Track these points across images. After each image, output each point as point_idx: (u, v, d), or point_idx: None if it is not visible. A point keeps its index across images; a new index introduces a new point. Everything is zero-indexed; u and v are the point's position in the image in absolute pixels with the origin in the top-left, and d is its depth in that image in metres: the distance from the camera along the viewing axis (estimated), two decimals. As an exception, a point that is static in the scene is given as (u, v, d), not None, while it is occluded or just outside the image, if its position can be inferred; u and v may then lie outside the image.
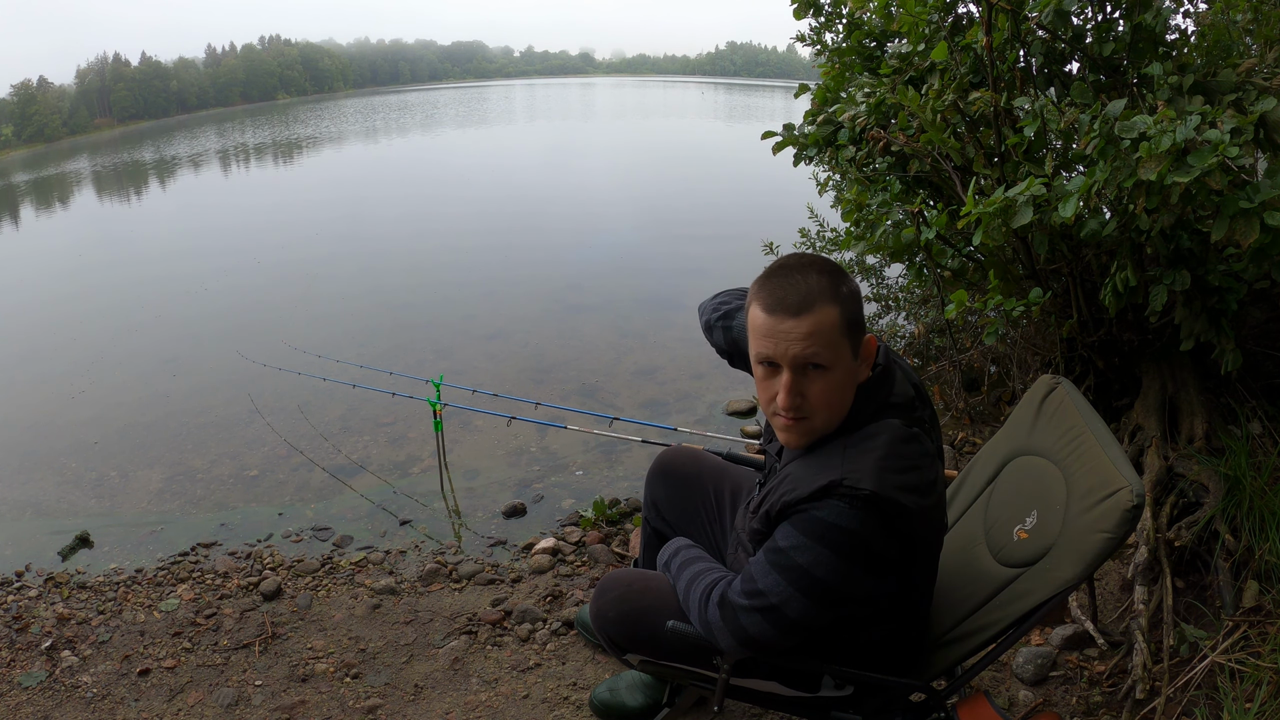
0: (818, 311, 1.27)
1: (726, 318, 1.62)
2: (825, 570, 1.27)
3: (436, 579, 2.84)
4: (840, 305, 1.28)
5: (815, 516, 1.27)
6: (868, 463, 1.27)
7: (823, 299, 1.27)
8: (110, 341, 6.36)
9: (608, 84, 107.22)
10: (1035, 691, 2.05)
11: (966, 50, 2.71)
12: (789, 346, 1.27)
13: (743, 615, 1.33)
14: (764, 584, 1.31)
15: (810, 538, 1.27)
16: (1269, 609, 1.91)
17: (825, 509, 1.26)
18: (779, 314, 1.28)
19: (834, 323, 1.28)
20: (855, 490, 1.24)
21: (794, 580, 1.29)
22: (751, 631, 1.33)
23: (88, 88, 73.13)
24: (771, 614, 1.31)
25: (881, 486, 1.25)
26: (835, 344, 1.28)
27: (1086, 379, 2.99)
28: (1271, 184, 1.86)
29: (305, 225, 11.26)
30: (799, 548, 1.28)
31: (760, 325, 1.30)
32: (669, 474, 1.92)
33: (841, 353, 1.29)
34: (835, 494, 1.26)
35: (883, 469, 1.26)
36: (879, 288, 4.84)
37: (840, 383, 1.31)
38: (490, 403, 4.00)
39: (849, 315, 1.30)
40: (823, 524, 1.26)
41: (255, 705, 2.21)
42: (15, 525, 3.63)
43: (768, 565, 1.32)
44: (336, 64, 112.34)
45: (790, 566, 1.29)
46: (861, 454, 1.29)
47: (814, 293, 1.27)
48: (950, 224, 2.67)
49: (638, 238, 9.75)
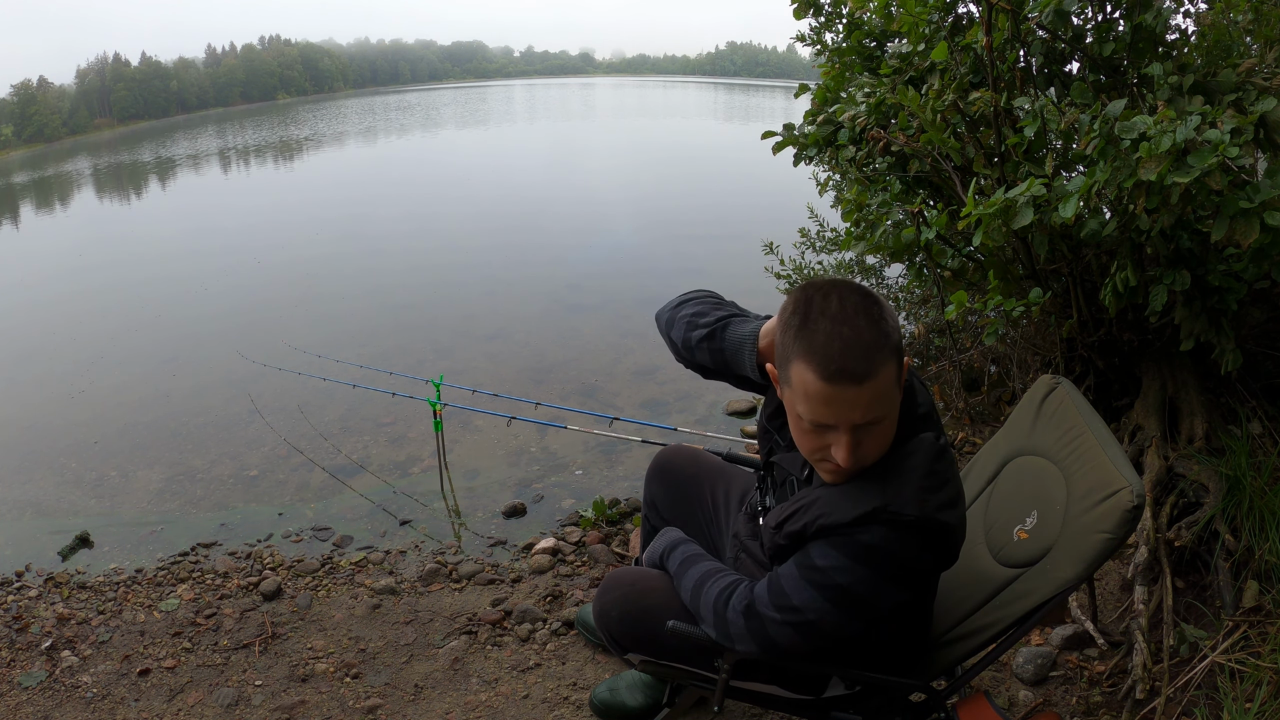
0: (880, 375, 1.16)
1: (711, 338, 1.46)
2: (865, 589, 1.27)
3: (436, 579, 2.84)
4: (895, 355, 1.18)
5: (859, 541, 1.25)
6: (910, 488, 1.24)
7: (881, 355, 1.15)
8: (110, 341, 6.35)
9: (608, 84, 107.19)
10: (1035, 691, 2.05)
11: (966, 50, 2.71)
12: (852, 414, 1.18)
13: (773, 627, 1.33)
14: (799, 600, 1.30)
15: (852, 559, 1.26)
16: (1269, 609, 1.91)
17: (869, 534, 1.24)
18: (841, 383, 1.15)
19: (893, 377, 1.19)
20: (899, 516, 1.23)
21: (832, 598, 1.28)
22: (781, 641, 1.34)
23: (88, 88, 73.09)
24: (806, 628, 1.31)
25: (924, 510, 1.23)
26: (893, 395, 1.21)
27: (1086, 379, 2.98)
28: (1271, 184, 1.86)
29: (305, 225, 11.26)
30: (840, 569, 1.26)
31: (816, 392, 1.17)
32: (667, 473, 1.92)
33: (897, 397, 1.23)
34: (879, 520, 1.24)
35: (924, 490, 1.24)
36: (879, 288, 4.84)
37: (894, 422, 1.25)
38: (490, 403, 4.00)
39: (900, 357, 1.20)
40: (866, 548, 1.25)
41: (255, 705, 2.21)
42: (15, 525, 3.63)
43: (803, 582, 1.30)
44: (336, 64, 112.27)
45: (829, 585, 1.27)
46: (902, 478, 1.25)
47: (872, 351, 1.15)
48: (950, 224, 2.67)
49: (637, 238, 9.75)
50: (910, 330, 4.54)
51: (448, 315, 6.65)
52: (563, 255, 8.75)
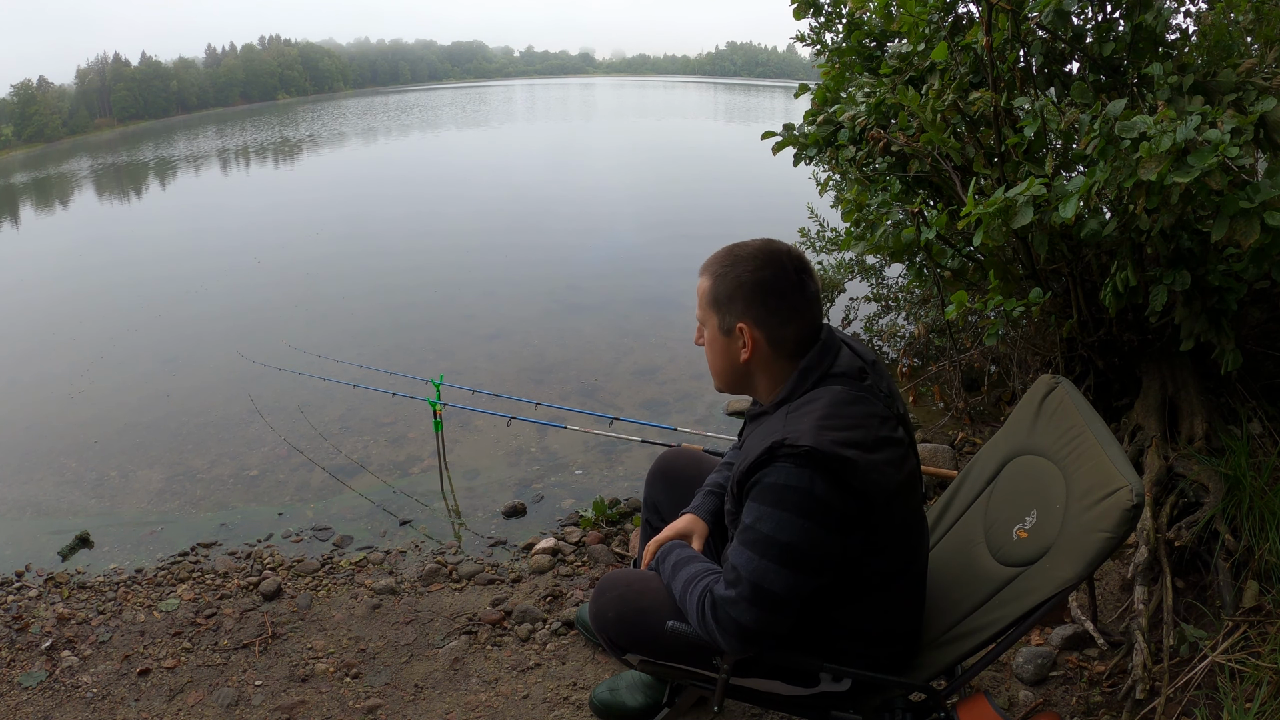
0: (700, 283, 1.50)
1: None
2: (790, 533, 1.30)
3: (436, 579, 2.84)
4: (707, 278, 1.48)
5: (768, 483, 1.32)
6: (807, 422, 1.33)
7: (705, 274, 1.49)
8: (110, 341, 6.36)
9: (608, 84, 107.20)
10: (1035, 691, 2.05)
11: (966, 50, 2.71)
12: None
13: (731, 608, 1.35)
14: (741, 566, 1.34)
15: (768, 504, 1.31)
16: (1269, 609, 1.91)
17: (774, 473, 1.31)
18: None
19: (706, 295, 1.48)
20: (795, 448, 1.29)
21: (764, 551, 1.31)
22: (744, 621, 1.34)
23: (88, 88, 73.07)
24: (756, 595, 1.33)
25: (819, 441, 1.29)
26: (708, 313, 1.48)
27: (1086, 379, 2.99)
28: (1271, 184, 1.86)
29: (305, 225, 11.26)
30: (761, 518, 1.32)
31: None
32: (669, 475, 1.93)
33: (711, 322, 1.48)
34: (779, 455, 1.30)
35: (821, 426, 1.31)
36: (879, 288, 4.84)
37: (714, 344, 1.49)
38: (490, 403, 4.00)
39: (716, 297, 1.46)
40: (775, 488, 1.31)
41: (255, 705, 2.21)
42: (15, 525, 3.63)
43: (740, 546, 1.35)
44: (336, 64, 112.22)
45: (759, 539, 1.32)
46: (801, 415, 1.35)
47: (706, 266, 1.50)
48: (950, 224, 2.67)
49: (637, 238, 9.75)
50: (910, 330, 4.55)
51: (448, 315, 6.65)
52: (563, 255, 8.75)
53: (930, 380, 3.96)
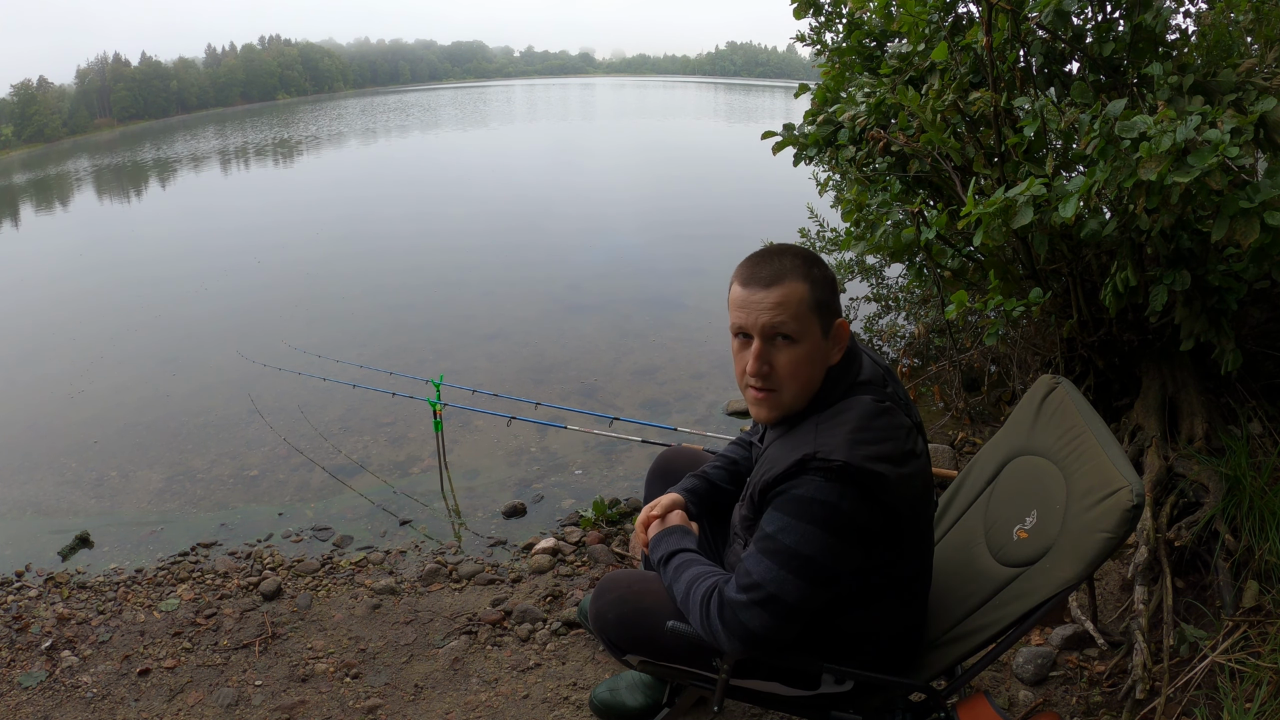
0: (787, 285, 1.35)
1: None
2: (813, 547, 1.29)
3: (436, 579, 2.84)
4: (810, 284, 1.36)
5: (795, 495, 1.30)
6: (839, 435, 1.31)
7: (793, 275, 1.36)
8: (110, 341, 6.36)
9: (608, 84, 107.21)
10: (1035, 691, 2.05)
11: (966, 50, 2.71)
12: (759, 315, 1.35)
13: (741, 612, 1.33)
14: (758, 574, 1.32)
15: (793, 516, 1.30)
16: (1269, 609, 1.91)
17: (803, 485, 1.29)
18: (752, 286, 1.37)
19: (802, 297, 1.35)
20: (828, 462, 1.27)
21: (785, 563, 1.30)
22: (753, 626, 1.33)
23: (88, 88, 73.10)
24: (770, 604, 1.32)
25: (853, 457, 1.27)
26: (803, 318, 1.35)
27: (1086, 379, 2.99)
28: (1271, 184, 1.86)
29: (305, 225, 11.26)
30: (785, 529, 1.30)
31: (736, 298, 1.39)
32: (669, 474, 1.92)
33: (809, 327, 1.36)
34: (809, 469, 1.29)
35: (854, 440, 1.29)
36: (879, 288, 4.84)
37: (807, 357, 1.36)
38: (490, 403, 4.00)
39: (818, 295, 1.37)
40: (802, 500, 1.29)
41: (255, 705, 2.21)
42: (15, 525, 3.63)
43: (758, 554, 1.33)
44: (336, 64, 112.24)
45: (779, 550, 1.30)
46: (833, 428, 1.33)
47: (785, 270, 1.36)
48: (950, 224, 2.67)
49: (637, 238, 9.75)
50: (910, 330, 4.55)
51: (448, 315, 6.65)
52: (563, 255, 8.76)
53: (930, 380, 3.96)
